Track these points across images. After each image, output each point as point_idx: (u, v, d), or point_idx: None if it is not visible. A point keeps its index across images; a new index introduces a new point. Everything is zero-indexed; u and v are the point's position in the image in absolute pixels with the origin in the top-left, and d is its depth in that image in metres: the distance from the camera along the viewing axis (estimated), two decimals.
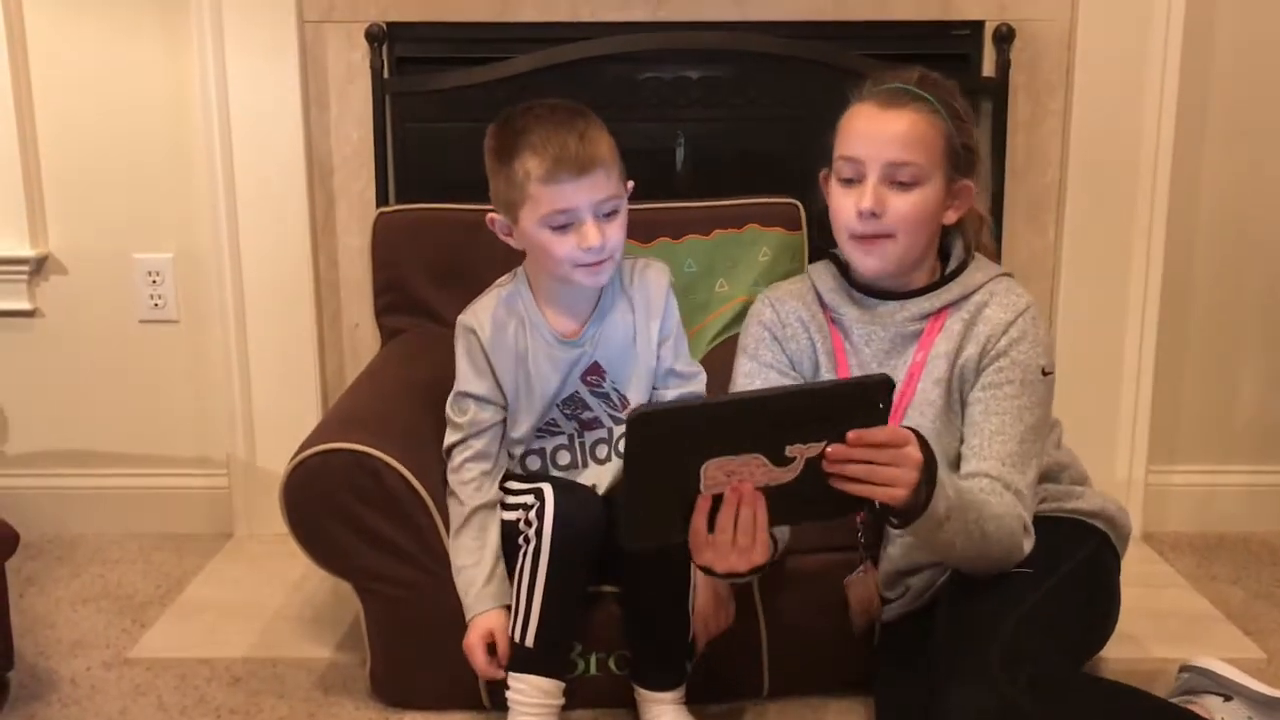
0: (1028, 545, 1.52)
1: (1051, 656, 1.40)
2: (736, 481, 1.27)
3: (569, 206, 1.57)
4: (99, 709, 1.73)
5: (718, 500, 1.29)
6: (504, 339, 1.67)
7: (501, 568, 1.63)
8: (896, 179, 1.54)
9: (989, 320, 1.58)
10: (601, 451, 1.71)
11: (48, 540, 2.33)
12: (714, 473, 1.27)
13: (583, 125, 1.58)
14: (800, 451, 1.27)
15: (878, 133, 1.55)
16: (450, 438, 1.70)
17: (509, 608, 1.60)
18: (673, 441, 1.25)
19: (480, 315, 1.69)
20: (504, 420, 1.70)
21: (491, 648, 1.60)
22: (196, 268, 2.29)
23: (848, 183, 1.58)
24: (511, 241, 1.66)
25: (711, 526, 1.30)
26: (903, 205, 1.54)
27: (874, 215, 1.54)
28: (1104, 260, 2.22)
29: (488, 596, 1.61)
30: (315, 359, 2.28)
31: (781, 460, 1.27)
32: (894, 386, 1.27)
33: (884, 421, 1.28)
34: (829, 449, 1.27)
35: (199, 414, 2.35)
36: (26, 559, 2.23)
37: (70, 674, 1.83)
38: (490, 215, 1.67)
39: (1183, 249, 2.26)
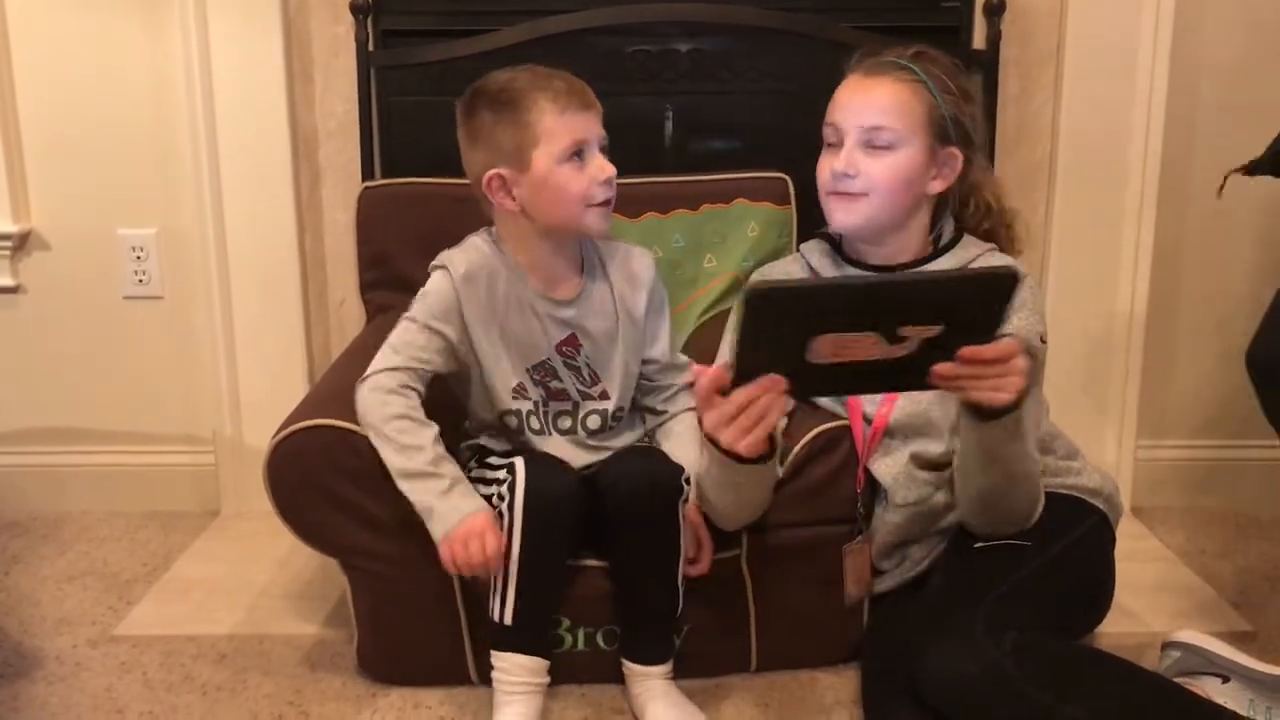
0: (1039, 508, 1.54)
1: (1039, 626, 1.39)
2: (845, 355, 1.28)
3: (585, 137, 1.59)
4: (84, 686, 1.73)
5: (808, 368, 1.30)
6: (475, 289, 1.63)
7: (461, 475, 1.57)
8: (872, 143, 1.61)
9: None
10: (564, 423, 1.68)
11: (33, 518, 2.32)
12: (825, 347, 1.27)
13: (565, 72, 1.63)
14: (915, 332, 1.27)
15: (855, 100, 1.64)
16: (382, 363, 1.59)
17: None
18: (787, 317, 1.26)
19: (455, 256, 1.65)
20: (434, 375, 1.63)
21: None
22: (181, 243, 2.27)
23: (829, 147, 1.66)
24: (508, 203, 1.61)
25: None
26: (876, 167, 1.61)
27: (847, 176, 1.61)
28: (1094, 236, 2.21)
29: (466, 498, 1.54)
30: (301, 335, 2.27)
31: (895, 339, 1.28)
32: (1020, 279, 1.28)
33: (1001, 319, 1.29)
34: (937, 368, 1.30)
35: (185, 391, 2.33)
36: (12, 537, 2.23)
37: (56, 651, 1.82)
38: (490, 175, 1.60)
39: (1173, 225, 2.25)
